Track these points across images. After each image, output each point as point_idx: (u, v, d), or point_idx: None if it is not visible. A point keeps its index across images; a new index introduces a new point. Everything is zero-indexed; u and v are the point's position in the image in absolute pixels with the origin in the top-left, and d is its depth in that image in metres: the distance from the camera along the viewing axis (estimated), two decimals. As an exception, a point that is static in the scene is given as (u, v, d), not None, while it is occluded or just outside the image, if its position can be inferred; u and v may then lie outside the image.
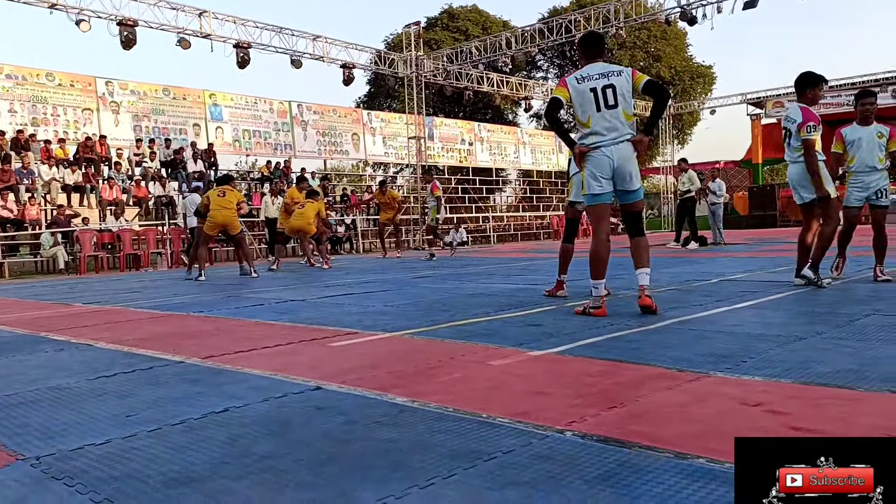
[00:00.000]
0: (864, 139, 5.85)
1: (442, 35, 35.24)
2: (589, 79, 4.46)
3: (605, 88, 4.42)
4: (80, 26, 14.97)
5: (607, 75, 4.45)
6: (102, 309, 6.46)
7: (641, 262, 4.55)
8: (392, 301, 5.92)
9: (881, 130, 5.87)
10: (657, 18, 19.38)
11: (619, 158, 4.43)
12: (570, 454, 1.88)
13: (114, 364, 3.53)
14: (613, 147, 4.43)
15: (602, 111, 4.42)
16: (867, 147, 5.83)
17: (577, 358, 3.19)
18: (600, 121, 4.44)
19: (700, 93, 37.81)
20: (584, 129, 4.51)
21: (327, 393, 2.71)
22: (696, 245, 13.32)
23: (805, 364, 2.82)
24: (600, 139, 4.45)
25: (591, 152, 4.48)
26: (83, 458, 2.02)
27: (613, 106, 4.42)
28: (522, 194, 31.36)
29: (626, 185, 4.51)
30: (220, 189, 10.15)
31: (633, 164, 4.49)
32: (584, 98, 4.45)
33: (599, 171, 4.46)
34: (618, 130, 4.43)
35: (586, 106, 4.45)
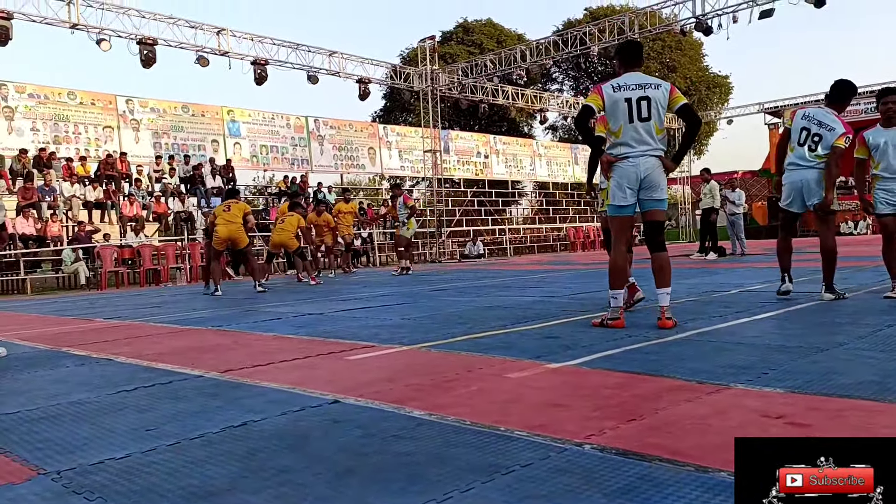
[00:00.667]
0: (889, 142, 5.36)
1: (457, 49, 35.42)
2: (625, 88, 4.36)
3: (641, 100, 4.32)
4: (100, 45, 15.22)
5: (644, 87, 4.36)
6: (122, 324, 6.53)
7: (663, 283, 4.44)
8: (409, 314, 5.92)
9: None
10: (672, 29, 19.35)
11: (646, 169, 4.35)
12: (588, 467, 1.87)
13: (133, 378, 3.56)
14: (641, 159, 4.35)
15: (634, 122, 4.33)
16: (894, 150, 5.36)
17: (594, 370, 3.17)
18: (631, 132, 4.34)
19: (717, 103, 37.65)
20: (614, 138, 4.42)
21: (345, 406, 2.71)
22: (715, 256, 13.21)
23: (827, 376, 2.79)
24: (629, 150, 4.36)
25: (618, 162, 4.39)
26: (103, 473, 2.04)
27: (647, 119, 4.33)
28: (539, 206, 31.31)
29: (653, 195, 4.41)
30: (225, 203, 10.04)
31: (661, 176, 4.41)
32: (618, 108, 4.34)
33: (626, 181, 4.38)
34: (647, 144, 4.35)
35: (619, 116, 4.35)
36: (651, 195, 4.41)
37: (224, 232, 9.67)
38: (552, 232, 27.64)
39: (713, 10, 17.37)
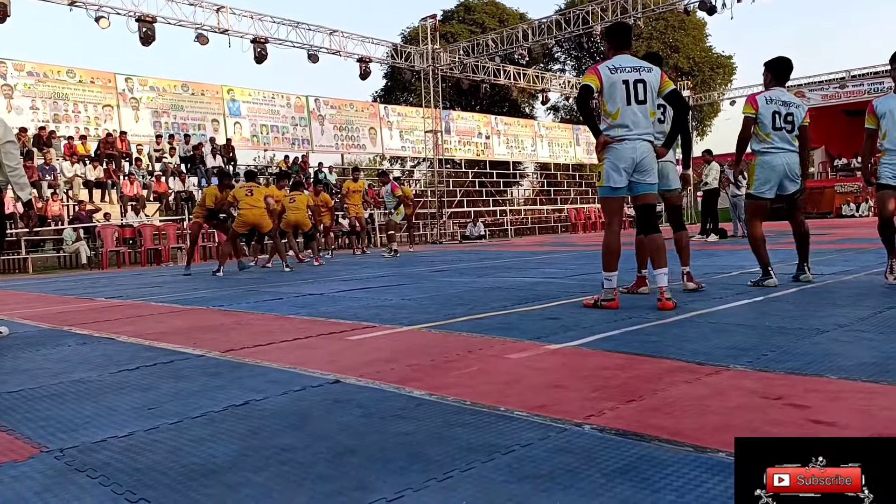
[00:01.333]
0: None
1: (458, 28, 35.15)
2: (622, 70, 4.39)
3: (637, 83, 4.36)
4: (99, 23, 15.12)
5: (639, 70, 4.40)
6: (124, 303, 6.54)
7: (660, 263, 4.50)
8: (409, 295, 5.93)
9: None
10: (675, 8, 19.19)
11: (641, 152, 4.40)
12: (588, 447, 1.88)
13: (135, 358, 3.57)
14: (638, 142, 4.39)
15: (632, 105, 4.36)
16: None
17: (594, 351, 3.18)
18: (629, 114, 4.37)
19: (720, 84, 37.39)
20: (611, 119, 4.42)
21: (345, 386, 2.72)
22: (716, 238, 13.20)
23: (826, 357, 2.79)
24: (626, 132, 4.39)
25: (615, 144, 4.41)
26: (106, 451, 2.05)
27: (643, 102, 4.38)
28: (540, 187, 31.25)
29: (646, 178, 4.46)
30: (246, 187, 10.15)
31: (654, 160, 4.49)
32: (616, 89, 4.36)
33: (622, 163, 4.40)
34: (643, 127, 4.41)
35: (616, 98, 4.37)
36: (644, 178, 4.45)
37: (250, 216, 9.89)
38: (553, 213, 27.61)
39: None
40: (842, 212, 26.81)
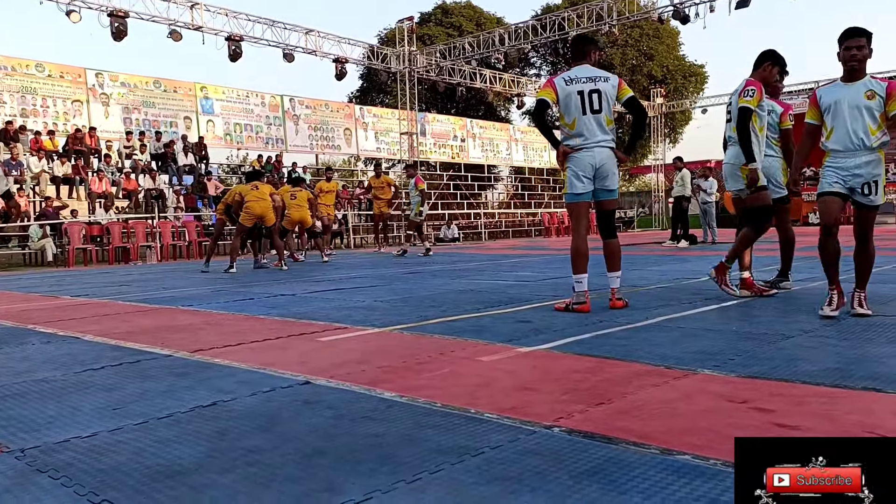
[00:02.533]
0: (846, 101, 3.96)
1: (435, 30, 35.17)
2: (577, 81, 4.58)
3: (592, 93, 4.55)
4: (70, 17, 14.85)
5: (595, 80, 4.59)
6: (90, 302, 6.43)
7: (614, 267, 4.76)
8: (382, 296, 5.91)
9: (873, 87, 3.92)
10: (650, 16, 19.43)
11: (600, 160, 4.60)
12: (557, 450, 1.89)
13: (101, 357, 3.51)
14: (596, 149, 4.59)
15: (587, 115, 4.56)
16: (851, 114, 3.94)
17: (565, 354, 3.20)
18: (584, 124, 4.57)
19: (692, 92, 37.89)
20: (568, 129, 4.64)
21: (316, 387, 2.71)
22: (686, 244, 13.37)
23: (791, 362, 2.84)
24: (584, 141, 4.59)
25: (574, 153, 4.62)
26: (69, 451, 2.01)
27: (598, 111, 4.57)
28: (514, 191, 31.36)
29: (606, 184, 4.65)
30: (251, 184, 10.40)
31: (614, 166, 4.66)
32: (571, 100, 4.57)
33: (582, 170, 4.61)
34: (600, 135, 4.59)
35: (572, 109, 4.58)
36: (604, 185, 4.65)
37: (257, 208, 10.10)
38: (527, 217, 27.72)
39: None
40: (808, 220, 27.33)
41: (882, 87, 3.91)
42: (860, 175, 3.95)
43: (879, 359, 2.88)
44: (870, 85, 3.94)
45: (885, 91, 3.89)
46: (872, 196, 3.96)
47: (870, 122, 3.91)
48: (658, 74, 36.40)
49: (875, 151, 3.94)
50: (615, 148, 4.67)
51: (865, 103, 3.91)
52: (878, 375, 2.59)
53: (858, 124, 3.92)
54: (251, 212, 10.10)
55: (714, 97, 31.98)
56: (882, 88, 3.91)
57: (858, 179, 3.96)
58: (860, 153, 3.94)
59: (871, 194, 3.95)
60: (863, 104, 3.92)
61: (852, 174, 3.97)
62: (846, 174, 3.98)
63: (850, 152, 3.96)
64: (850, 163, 3.97)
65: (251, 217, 10.17)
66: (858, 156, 3.95)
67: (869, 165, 3.94)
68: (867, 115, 3.91)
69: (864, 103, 3.92)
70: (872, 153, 3.93)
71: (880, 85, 3.94)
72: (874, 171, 3.94)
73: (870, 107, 3.91)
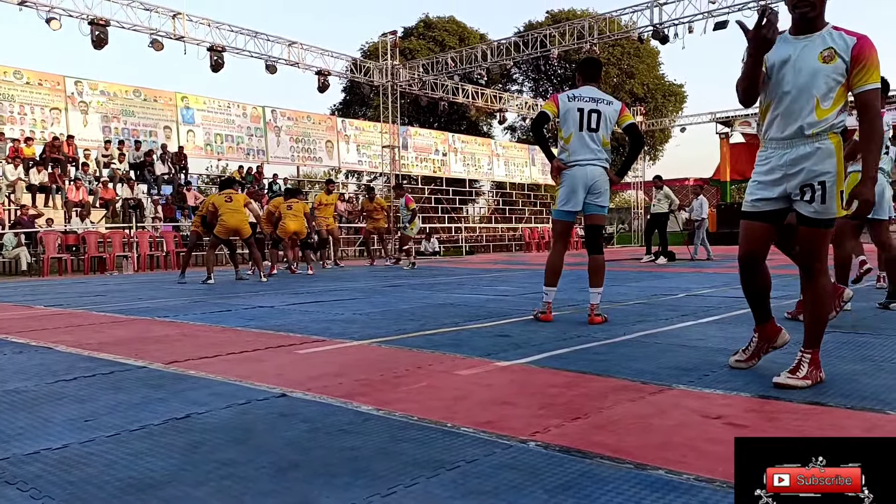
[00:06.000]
0: (791, 64, 2.73)
1: (418, 45, 35.34)
2: (580, 99, 4.71)
3: (591, 112, 4.68)
4: (50, 24, 14.72)
5: (597, 101, 4.72)
6: (65, 312, 6.33)
7: (596, 283, 4.81)
8: (361, 310, 5.89)
9: (833, 45, 2.68)
10: (630, 36, 19.68)
11: (592, 177, 4.71)
12: (532, 464, 1.89)
13: (74, 368, 3.46)
14: (589, 166, 4.70)
15: (583, 131, 4.68)
16: (796, 82, 2.72)
17: (543, 369, 3.21)
18: (580, 140, 4.68)
19: (671, 111, 38.40)
20: (564, 143, 4.76)
21: (292, 400, 2.69)
22: (665, 260, 13.50)
23: (764, 379, 2.88)
24: (578, 157, 4.70)
25: (567, 169, 4.73)
26: (38, 463, 1.98)
27: (595, 130, 4.69)
28: (495, 206, 31.48)
29: (597, 200, 4.76)
30: (225, 194, 10.12)
31: (606, 183, 4.77)
32: (570, 115, 4.68)
33: (574, 186, 4.72)
34: (594, 153, 4.70)
35: (570, 123, 4.69)
36: (595, 200, 4.76)
37: (232, 221, 9.85)
38: (508, 232, 27.83)
39: (670, 20, 17.73)
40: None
41: (847, 46, 2.65)
42: (797, 173, 2.74)
43: (852, 376, 2.92)
44: (829, 41, 2.68)
45: (850, 52, 2.65)
46: (817, 205, 2.72)
47: (819, 97, 2.69)
48: (639, 92, 36.88)
49: (822, 139, 2.70)
50: (608, 168, 4.80)
51: (819, 67, 2.68)
52: (849, 393, 2.63)
53: (803, 99, 2.71)
54: (226, 224, 9.86)
55: (693, 116, 32.37)
56: (847, 47, 2.65)
57: (795, 180, 2.76)
58: (798, 142, 2.73)
59: (815, 202, 2.72)
60: (816, 68, 2.68)
61: (785, 173, 2.77)
62: (779, 175, 2.79)
63: (787, 141, 2.76)
64: (785, 156, 2.77)
65: (226, 230, 9.94)
66: (797, 145, 2.74)
67: (810, 159, 2.71)
68: (820, 84, 2.68)
69: (817, 67, 2.68)
70: (818, 141, 2.70)
71: (845, 41, 2.67)
72: (818, 168, 2.71)
73: (823, 73, 2.68)
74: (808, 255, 2.83)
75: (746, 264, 2.96)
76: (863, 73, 2.65)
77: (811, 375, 2.75)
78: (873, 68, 2.64)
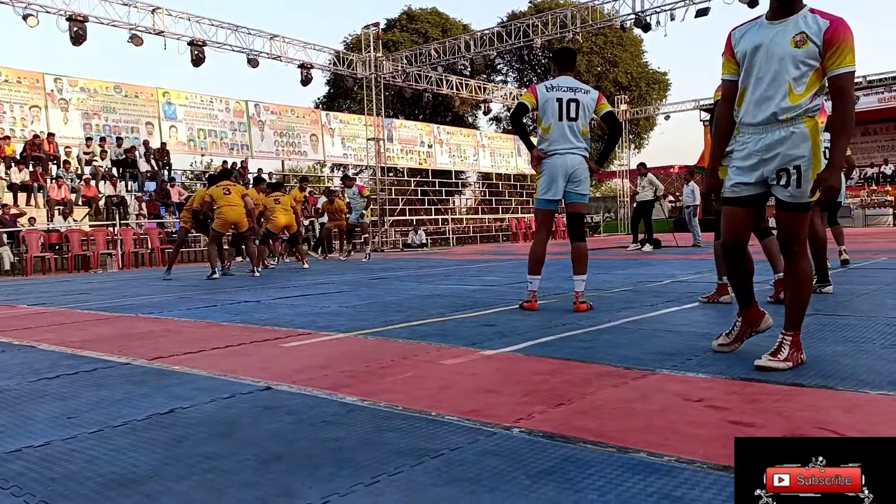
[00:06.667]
0: (763, 50, 2.76)
1: (401, 36, 35.19)
2: (558, 89, 4.74)
3: (570, 101, 4.71)
4: (27, 21, 14.51)
5: (575, 90, 4.75)
6: (48, 310, 6.28)
7: (579, 271, 4.84)
8: (347, 302, 5.89)
9: (806, 28, 2.67)
10: (613, 24, 19.67)
11: (572, 165, 4.74)
12: (515, 450, 1.90)
13: (56, 366, 3.43)
14: (569, 155, 4.73)
15: (563, 121, 4.71)
16: (768, 67, 2.75)
17: (528, 357, 3.22)
18: (558, 129, 4.71)
19: (655, 98, 38.50)
20: (543, 133, 4.78)
21: (276, 393, 2.68)
22: (650, 247, 13.56)
23: (746, 362, 2.90)
24: (557, 147, 4.73)
25: (547, 158, 4.76)
26: (20, 461, 1.97)
27: (574, 119, 4.72)
28: (482, 197, 31.49)
29: (577, 188, 4.80)
30: (223, 186, 9.91)
31: (585, 172, 4.81)
32: (549, 105, 4.71)
33: (553, 175, 4.75)
34: (573, 142, 4.73)
35: (549, 113, 4.72)
36: (576, 188, 4.80)
37: (232, 214, 9.73)
38: (495, 222, 27.86)
39: (652, 7, 17.73)
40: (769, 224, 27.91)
41: (819, 29, 2.63)
42: (772, 158, 2.76)
43: (833, 357, 2.95)
44: (802, 25, 2.67)
45: (822, 36, 2.63)
46: (792, 189, 2.75)
47: (791, 82, 2.69)
48: (623, 81, 36.94)
49: (796, 123, 2.71)
50: (587, 157, 4.82)
51: (791, 52, 2.67)
52: (830, 373, 2.66)
53: (776, 84, 2.72)
54: (225, 218, 9.70)
55: (677, 104, 32.47)
56: (819, 30, 2.63)
57: (770, 165, 2.78)
58: (773, 127, 2.75)
59: (791, 186, 2.75)
60: (787, 53, 2.68)
61: (761, 158, 2.79)
62: (755, 160, 2.81)
63: (762, 126, 2.78)
64: (760, 142, 2.79)
65: (226, 223, 9.79)
66: (772, 130, 2.75)
67: (785, 143, 2.73)
68: (791, 69, 2.68)
69: (788, 52, 2.68)
70: (792, 126, 2.72)
71: (817, 24, 2.65)
72: (792, 152, 2.72)
73: (796, 57, 2.67)
74: (787, 238, 2.86)
75: (729, 249, 3.02)
76: (835, 57, 2.63)
77: (792, 357, 2.79)
78: (847, 51, 2.62)
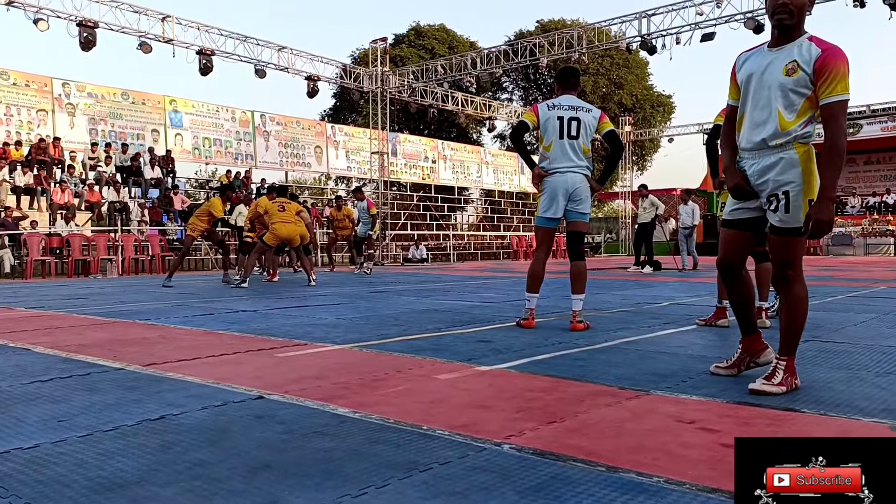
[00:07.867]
0: (762, 75, 2.80)
1: (408, 52, 35.42)
2: (559, 108, 4.76)
3: (571, 120, 4.72)
4: (37, 25, 14.65)
5: (577, 109, 4.77)
6: (45, 314, 6.28)
7: (578, 289, 4.83)
8: (344, 314, 5.88)
9: (798, 57, 2.70)
10: (619, 46, 19.82)
11: (573, 183, 4.75)
12: (505, 466, 1.90)
13: (50, 369, 3.43)
14: (569, 174, 4.74)
15: (564, 139, 4.72)
16: (757, 96, 2.82)
17: (522, 374, 3.22)
18: (560, 148, 4.73)
19: (660, 121, 38.66)
20: (545, 152, 4.79)
21: (269, 402, 2.68)
22: (650, 269, 13.55)
23: (740, 385, 2.89)
24: (558, 165, 4.75)
25: (549, 176, 4.77)
26: (8, 463, 1.96)
27: (575, 137, 4.73)
28: (484, 214, 31.54)
29: (578, 207, 4.80)
30: (279, 203, 10.11)
31: (587, 190, 4.81)
32: (550, 124, 4.73)
33: (554, 193, 4.75)
34: (575, 160, 4.74)
35: (550, 132, 4.74)
36: (576, 207, 4.81)
37: (284, 231, 9.89)
38: (496, 239, 27.88)
39: (657, 31, 17.88)
40: (770, 249, 27.86)
41: (811, 57, 2.65)
42: (764, 183, 2.81)
43: (827, 384, 2.95)
44: (794, 54, 2.70)
45: (812, 65, 2.65)
46: (781, 214, 2.76)
47: (781, 109, 2.72)
48: (628, 103, 37.11)
49: (786, 149, 2.74)
50: (589, 176, 4.83)
51: (780, 80, 2.72)
52: (822, 400, 2.65)
53: (767, 110, 2.76)
54: (278, 233, 9.88)
55: (681, 126, 32.60)
56: (810, 59, 2.65)
57: (763, 190, 2.82)
58: (764, 153, 2.79)
59: (780, 211, 2.77)
60: (777, 81, 2.73)
61: (755, 183, 2.85)
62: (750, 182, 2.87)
63: (754, 151, 2.83)
64: (753, 167, 2.84)
65: (278, 238, 9.97)
66: (763, 156, 2.80)
67: (774, 169, 2.77)
68: (780, 98, 2.72)
69: (778, 80, 2.72)
70: (782, 152, 2.75)
71: (810, 52, 2.67)
72: (781, 178, 2.75)
73: (785, 86, 2.71)
74: (781, 263, 2.86)
75: (723, 270, 3.09)
76: (826, 86, 2.63)
77: (786, 382, 2.78)
78: (838, 80, 2.61)
